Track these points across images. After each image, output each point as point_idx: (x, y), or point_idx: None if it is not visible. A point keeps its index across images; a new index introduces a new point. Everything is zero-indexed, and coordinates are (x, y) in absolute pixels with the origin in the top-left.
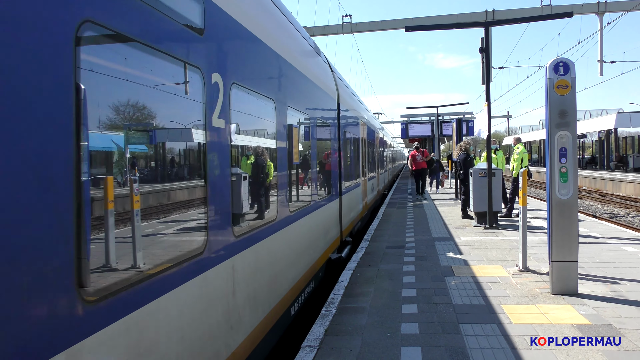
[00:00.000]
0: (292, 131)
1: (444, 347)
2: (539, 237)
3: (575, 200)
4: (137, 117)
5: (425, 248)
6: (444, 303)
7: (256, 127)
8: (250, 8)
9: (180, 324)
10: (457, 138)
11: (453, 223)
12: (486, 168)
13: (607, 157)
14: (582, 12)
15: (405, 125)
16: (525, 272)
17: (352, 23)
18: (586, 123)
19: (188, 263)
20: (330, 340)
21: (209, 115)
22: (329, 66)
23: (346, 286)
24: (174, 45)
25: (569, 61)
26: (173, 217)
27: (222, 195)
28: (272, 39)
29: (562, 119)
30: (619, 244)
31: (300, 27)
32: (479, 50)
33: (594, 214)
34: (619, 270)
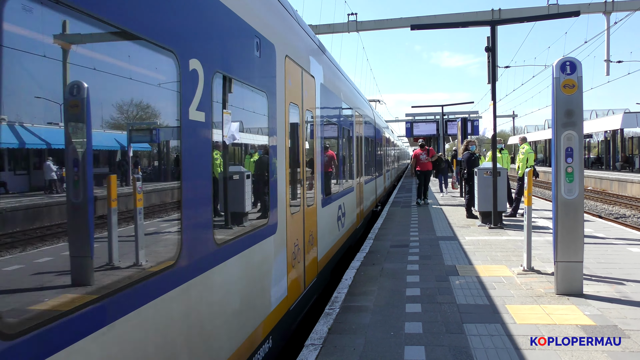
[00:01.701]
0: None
1: (447, 346)
2: (544, 237)
3: (581, 201)
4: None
5: (429, 247)
6: (448, 302)
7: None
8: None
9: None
10: (462, 137)
11: (457, 222)
12: (491, 167)
13: (613, 158)
14: (589, 11)
15: (410, 124)
16: (530, 272)
17: (357, 21)
18: (592, 123)
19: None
20: (333, 339)
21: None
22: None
23: (350, 285)
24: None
25: (575, 60)
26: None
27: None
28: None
29: (569, 119)
30: (624, 244)
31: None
32: (484, 49)
33: (599, 215)
34: (625, 271)
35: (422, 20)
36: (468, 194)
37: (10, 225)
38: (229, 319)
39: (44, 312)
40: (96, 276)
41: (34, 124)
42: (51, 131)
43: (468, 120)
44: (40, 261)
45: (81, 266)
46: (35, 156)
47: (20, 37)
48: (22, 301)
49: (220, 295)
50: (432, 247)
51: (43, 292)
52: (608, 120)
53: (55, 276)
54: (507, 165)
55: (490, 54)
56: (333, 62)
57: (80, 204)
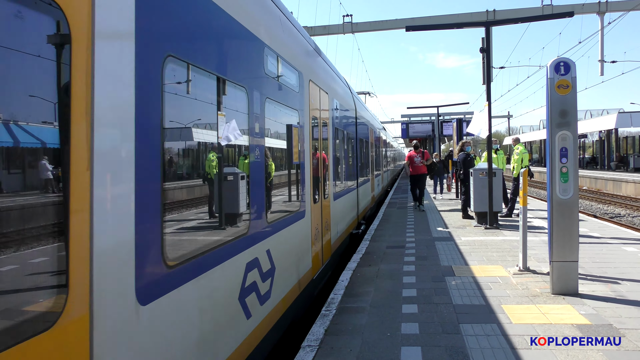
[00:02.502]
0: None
1: (444, 347)
2: (540, 237)
3: (575, 200)
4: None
5: (425, 248)
6: (444, 303)
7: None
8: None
9: None
10: (457, 138)
11: (453, 223)
12: (487, 168)
13: (608, 157)
14: (582, 11)
15: (405, 125)
16: (526, 272)
17: (352, 23)
18: (587, 123)
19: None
20: (330, 340)
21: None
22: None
23: (346, 286)
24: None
25: (569, 61)
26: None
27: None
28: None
29: (563, 119)
30: (619, 244)
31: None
32: (479, 50)
33: (594, 214)
34: (620, 270)
35: (417, 21)
36: (464, 195)
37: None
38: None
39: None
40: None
41: (29, 122)
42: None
43: (463, 121)
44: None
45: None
46: (30, 155)
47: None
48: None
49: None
50: (429, 248)
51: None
52: (602, 120)
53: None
54: (503, 165)
55: (485, 55)
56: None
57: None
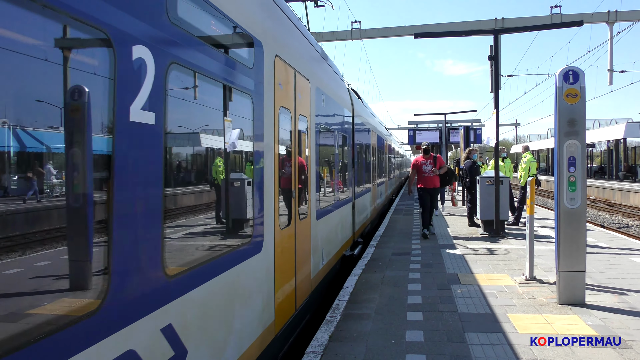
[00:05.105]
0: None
1: (449, 355)
2: (547, 246)
3: (583, 210)
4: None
5: (431, 255)
6: (450, 311)
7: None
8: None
9: None
10: (464, 145)
11: (459, 231)
12: (494, 176)
13: (616, 167)
14: (592, 21)
15: (412, 131)
16: (532, 282)
17: (361, 29)
18: (595, 132)
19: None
20: (334, 347)
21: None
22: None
23: (351, 292)
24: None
25: (578, 70)
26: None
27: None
28: None
29: (571, 128)
30: (627, 254)
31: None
32: (488, 57)
33: (602, 224)
34: (627, 281)
35: (426, 28)
36: (470, 202)
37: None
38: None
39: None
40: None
41: (35, 128)
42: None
43: (471, 128)
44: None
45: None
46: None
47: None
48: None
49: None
50: (434, 255)
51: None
52: (611, 129)
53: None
54: (510, 173)
55: (494, 63)
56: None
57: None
